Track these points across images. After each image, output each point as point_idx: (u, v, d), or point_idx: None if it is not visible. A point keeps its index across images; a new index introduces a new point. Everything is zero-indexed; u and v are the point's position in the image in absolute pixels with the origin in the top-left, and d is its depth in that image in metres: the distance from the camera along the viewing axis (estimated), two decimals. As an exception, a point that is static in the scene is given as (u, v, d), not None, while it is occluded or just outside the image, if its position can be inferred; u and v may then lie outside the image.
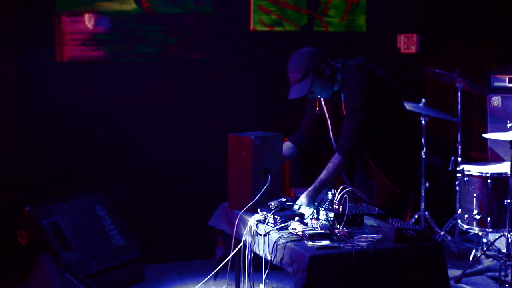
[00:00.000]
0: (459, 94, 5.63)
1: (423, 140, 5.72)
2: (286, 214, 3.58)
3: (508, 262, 4.78)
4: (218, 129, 5.42)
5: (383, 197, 3.99)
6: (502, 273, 4.81)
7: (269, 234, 3.51)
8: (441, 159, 6.10)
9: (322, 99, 4.06)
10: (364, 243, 3.28)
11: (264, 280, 3.58)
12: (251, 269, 3.68)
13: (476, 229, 5.19)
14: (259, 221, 3.66)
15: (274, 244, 3.42)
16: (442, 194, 6.13)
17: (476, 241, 5.54)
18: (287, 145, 4.18)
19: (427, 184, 5.83)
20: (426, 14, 6.32)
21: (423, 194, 5.81)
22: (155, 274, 5.32)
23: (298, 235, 3.39)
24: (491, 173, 5.12)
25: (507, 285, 4.79)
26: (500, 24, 6.24)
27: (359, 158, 4.05)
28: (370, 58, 4.11)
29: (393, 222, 3.41)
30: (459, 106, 5.65)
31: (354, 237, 3.36)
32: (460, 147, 5.63)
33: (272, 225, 3.56)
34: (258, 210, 3.72)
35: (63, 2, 5.23)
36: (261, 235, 3.57)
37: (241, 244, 3.75)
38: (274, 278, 5.07)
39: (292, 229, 3.46)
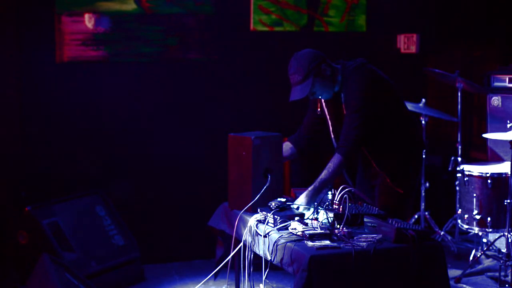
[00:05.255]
0: (459, 94, 5.63)
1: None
2: (286, 214, 3.58)
3: (508, 262, 4.78)
4: (218, 129, 5.42)
5: (385, 197, 3.99)
6: (502, 273, 4.81)
7: (269, 234, 3.51)
8: (441, 159, 6.10)
9: (323, 99, 4.07)
10: (364, 243, 3.28)
11: (264, 280, 3.58)
12: (251, 269, 3.69)
13: (476, 229, 5.19)
14: (259, 221, 3.66)
15: (274, 244, 3.42)
16: (442, 194, 6.13)
17: (476, 241, 5.54)
18: (287, 145, 4.19)
19: (427, 184, 5.83)
20: (426, 14, 6.32)
21: (423, 194, 5.81)
22: (155, 274, 5.32)
23: (298, 235, 3.39)
24: (491, 173, 5.12)
25: (507, 285, 4.79)
26: (500, 24, 6.24)
27: (360, 158, 4.05)
28: (370, 58, 4.11)
29: (393, 222, 3.42)
30: (459, 106, 5.65)
31: (354, 237, 3.36)
32: (460, 147, 5.63)
33: (272, 225, 3.56)
34: (258, 210, 3.73)
35: (63, 2, 5.23)
36: (261, 235, 3.57)
37: (241, 244, 3.75)
38: (274, 278, 5.07)
39: (292, 229, 3.46)
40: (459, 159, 5.52)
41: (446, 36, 6.39)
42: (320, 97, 4.00)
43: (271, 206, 3.65)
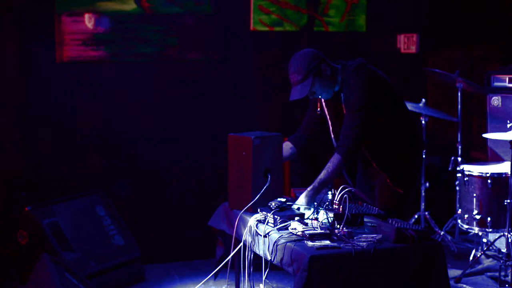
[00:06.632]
0: (459, 94, 5.63)
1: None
2: (286, 214, 3.58)
3: (508, 262, 4.78)
4: (218, 129, 5.42)
5: (385, 197, 4.00)
6: (502, 273, 4.81)
7: (269, 234, 3.51)
8: (441, 159, 6.10)
9: (323, 99, 4.07)
10: (364, 243, 3.28)
11: (264, 280, 3.58)
12: (251, 269, 3.69)
13: (476, 229, 5.19)
14: (259, 221, 3.66)
15: (274, 244, 3.42)
16: (442, 194, 6.13)
17: (476, 241, 5.54)
18: (286, 145, 4.19)
19: (427, 184, 5.83)
20: (426, 14, 6.32)
21: (423, 194, 5.81)
22: (155, 274, 5.32)
23: (298, 235, 3.39)
24: (491, 173, 5.12)
25: (507, 285, 4.79)
26: (500, 24, 6.24)
27: (360, 158, 4.05)
28: (370, 58, 4.11)
29: (393, 222, 3.42)
30: (459, 106, 5.65)
31: (354, 237, 3.36)
32: (460, 147, 5.63)
33: (272, 225, 3.56)
34: (258, 210, 3.73)
35: (63, 2, 5.23)
36: (261, 235, 3.57)
37: (241, 244, 3.75)
38: (274, 278, 5.07)
39: (292, 229, 3.46)
40: (459, 159, 5.52)
41: (446, 36, 6.38)
42: (320, 97, 4.00)
43: (271, 206, 3.65)
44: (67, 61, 5.29)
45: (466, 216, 5.25)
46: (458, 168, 5.36)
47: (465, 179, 5.24)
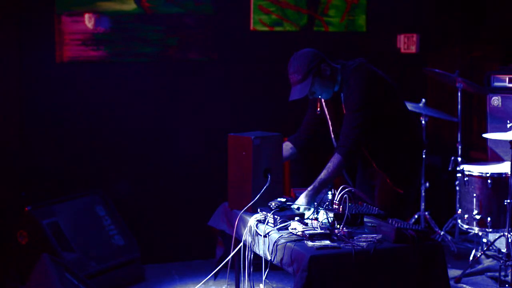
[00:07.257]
0: (459, 94, 5.63)
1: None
2: (286, 214, 3.58)
3: (508, 262, 4.78)
4: (218, 129, 5.42)
5: (385, 197, 3.99)
6: (502, 273, 4.81)
7: (269, 234, 3.51)
8: (441, 159, 6.10)
9: (322, 99, 4.07)
10: (364, 243, 3.28)
11: (264, 280, 3.58)
12: (251, 269, 3.69)
13: (476, 229, 5.19)
14: (259, 221, 3.66)
15: (274, 244, 3.42)
16: (442, 194, 6.13)
17: (476, 241, 5.54)
18: (286, 145, 4.19)
19: (427, 184, 5.83)
20: (426, 14, 6.32)
21: (423, 194, 5.81)
22: (155, 274, 5.32)
23: (298, 235, 3.39)
24: (491, 173, 5.12)
25: (507, 285, 4.79)
26: (500, 24, 6.24)
27: (360, 158, 4.05)
28: (370, 58, 4.11)
29: (393, 222, 3.42)
30: (459, 106, 5.65)
31: (354, 237, 3.36)
32: (460, 147, 5.63)
33: (272, 225, 3.56)
34: (258, 210, 3.73)
35: (63, 2, 5.23)
36: (261, 235, 3.57)
37: (241, 244, 3.75)
38: (274, 278, 5.08)
39: (292, 229, 3.46)
40: (459, 159, 5.52)
41: (446, 36, 6.39)
42: (319, 96, 4.00)
43: (271, 206, 3.65)
44: (67, 61, 5.29)
45: (466, 216, 5.25)
46: (458, 168, 5.36)
47: (465, 179, 5.24)
